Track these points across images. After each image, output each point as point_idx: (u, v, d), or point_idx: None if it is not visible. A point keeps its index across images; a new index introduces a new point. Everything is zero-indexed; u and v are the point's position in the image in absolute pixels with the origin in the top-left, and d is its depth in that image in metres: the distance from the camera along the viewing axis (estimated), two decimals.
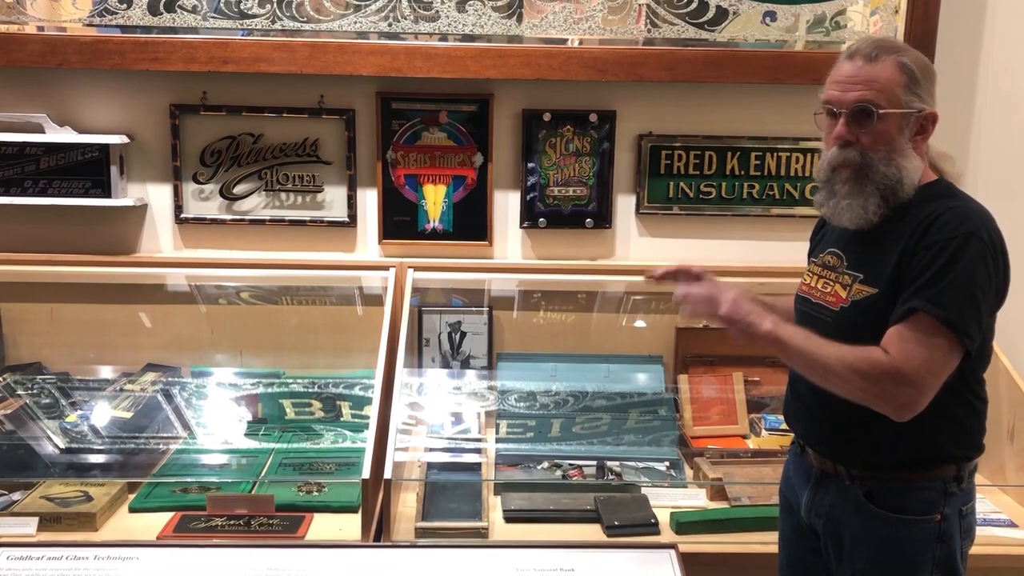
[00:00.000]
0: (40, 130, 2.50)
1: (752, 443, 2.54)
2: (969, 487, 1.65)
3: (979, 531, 1.72)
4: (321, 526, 2.09)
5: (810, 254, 1.83)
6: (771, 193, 2.66)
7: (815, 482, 1.71)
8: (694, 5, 2.49)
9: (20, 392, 2.46)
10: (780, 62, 2.50)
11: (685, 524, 2.11)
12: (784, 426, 2.53)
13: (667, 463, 2.40)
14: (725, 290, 1.64)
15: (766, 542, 2.05)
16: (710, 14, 2.50)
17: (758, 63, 2.50)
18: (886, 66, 1.57)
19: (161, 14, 2.45)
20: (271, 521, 2.08)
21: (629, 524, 2.11)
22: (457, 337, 2.66)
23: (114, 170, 2.51)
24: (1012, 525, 2.16)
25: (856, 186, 1.60)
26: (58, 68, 2.45)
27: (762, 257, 2.68)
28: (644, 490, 2.26)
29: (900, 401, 1.50)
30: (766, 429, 2.55)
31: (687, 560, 1.71)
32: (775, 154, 2.64)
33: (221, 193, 2.60)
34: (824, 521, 1.70)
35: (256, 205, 2.62)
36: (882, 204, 1.59)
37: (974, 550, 1.69)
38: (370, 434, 2.11)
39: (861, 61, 1.58)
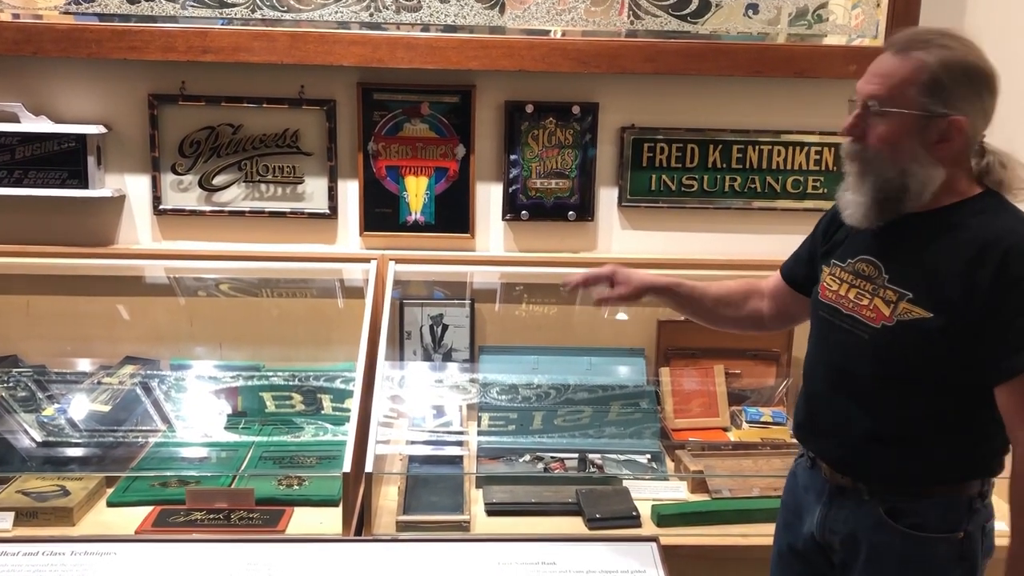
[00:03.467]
0: (15, 119, 2.46)
1: (733, 436, 2.55)
2: (990, 503, 1.59)
3: None
4: (302, 520, 2.08)
5: (828, 254, 1.71)
6: (752, 186, 2.66)
7: (829, 497, 1.65)
8: None
9: None
10: (762, 55, 2.50)
11: (666, 517, 2.12)
12: (765, 419, 2.56)
13: (648, 456, 2.40)
14: None
15: (747, 534, 2.07)
16: (693, 6, 2.50)
17: (740, 56, 2.50)
18: (908, 63, 1.47)
19: (139, 2, 2.41)
20: (251, 515, 2.07)
21: (611, 517, 2.11)
22: (439, 330, 2.65)
23: (91, 160, 2.48)
24: None
25: (857, 181, 1.55)
26: (33, 56, 2.41)
27: (743, 250, 2.68)
28: (626, 483, 2.26)
29: None
30: (747, 421, 2.57)
31: (668, 553, 1.71)
32: (756, 147, 2.64)
33: (200, 184, 2.58)
34: (840, 538, 1.63)
35: (236, 196, 2.60)
36: (876, 209, 1.53)
37: None
38: (351, 427, 2.10)
39: (890, 53, 1.51)
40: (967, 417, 1.53)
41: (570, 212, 2.64)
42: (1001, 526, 1.58)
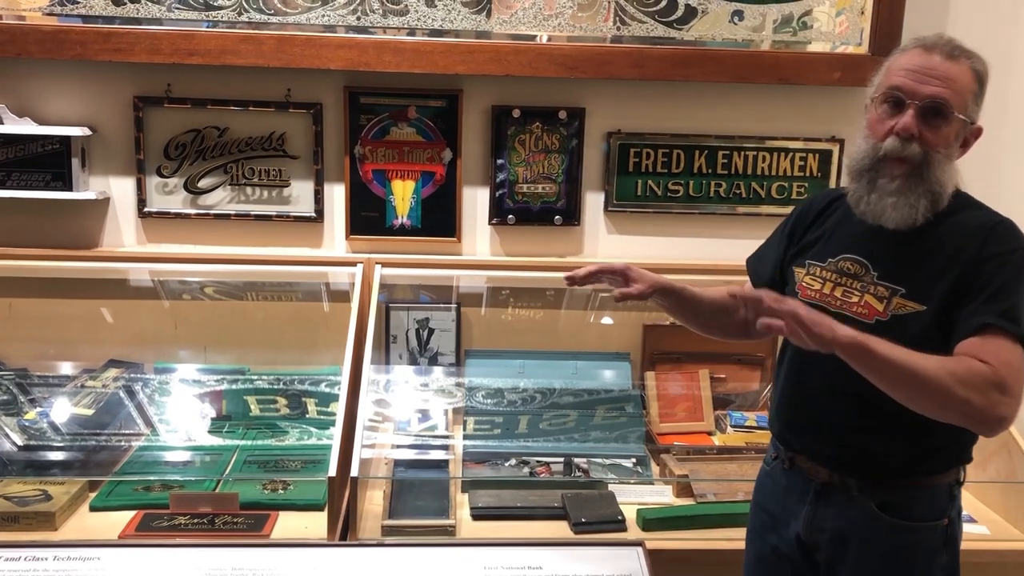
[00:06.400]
0: None
1: (718, 440, 2.56)
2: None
3: None
4: (287, 524, 2.07)
5: (799, 256, 1.72)
6: (737, 192, 2.68)
7: (815, 496, 1.66)
8: (663, 3, 2.50)
9: None
10: (747, 61, 2.52)
11: (651, 521, 2.12)
12: (749, 423, 2.57)
13: (634, 460, 2.41)
14: (786, 301, 1.44)
15: (731, 539, 2.07)
16: (679, 12, 2.51)
17: (726, 62, 2.51)
18: (964, 69, 1.50)
19: (124, 4, 2.40)
20: (236, 519, 2.06)
21: (596, 521, 2.12)
22: (425, 334, 2.65)
23: (76, 163, 2.47)
24: (971, 520, 2.19)
25: (908, 184, 1.52)
26: (17, 58, 2.40)
27: (728, 255, 2.69)
28: (611, 487, 2.27)
29: (1001, 413, 1.41)
30: (731, 426, 2.58)
31: (654, 557, 1.71)
32: (742, 153, 2.65)
33: (185, 187, 2.57)
34: (828, 536, 1.64)
35: (221, 199, 2.59)
36: (929, 209, 1.53)
37: None
38: (336, 431, 2.10)
39: (940, 57, 1.50)
40: None
41: (556, 216, 2.65)
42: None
